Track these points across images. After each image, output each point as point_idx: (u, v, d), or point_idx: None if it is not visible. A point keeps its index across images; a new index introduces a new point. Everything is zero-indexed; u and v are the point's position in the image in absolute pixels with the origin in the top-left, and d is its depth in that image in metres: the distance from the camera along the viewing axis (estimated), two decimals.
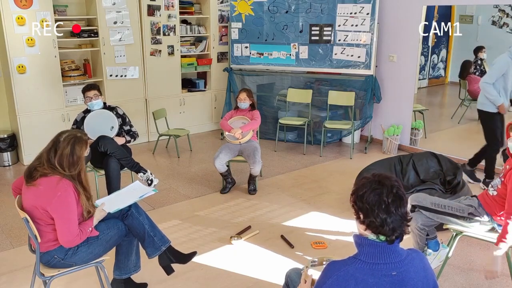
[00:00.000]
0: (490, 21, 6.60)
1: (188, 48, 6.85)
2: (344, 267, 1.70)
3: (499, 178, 3.01)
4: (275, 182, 5.11)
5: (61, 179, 2.49)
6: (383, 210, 1.67)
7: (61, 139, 2.56)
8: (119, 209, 2.76)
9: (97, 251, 2.69)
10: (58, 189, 2.46)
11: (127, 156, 4.18)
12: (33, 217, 2.52)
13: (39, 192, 2.48)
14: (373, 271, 1.67)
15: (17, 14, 5.22)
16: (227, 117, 4.96)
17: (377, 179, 1.72)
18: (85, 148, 2.61)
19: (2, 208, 4.45)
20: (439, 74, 7.66)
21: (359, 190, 1.74)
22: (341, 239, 3.86)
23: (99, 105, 4.35)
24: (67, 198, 2.47)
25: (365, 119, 6.25)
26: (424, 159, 4.60)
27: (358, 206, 1.74)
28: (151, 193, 2.92)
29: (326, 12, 6.11)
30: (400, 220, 1.69)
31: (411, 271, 1.70)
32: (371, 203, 1.68)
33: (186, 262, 3.03)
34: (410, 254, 1.75)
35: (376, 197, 1.68)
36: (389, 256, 1.69)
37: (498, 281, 3.23)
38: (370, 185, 1.71)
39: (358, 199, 1.74)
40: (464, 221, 3.06)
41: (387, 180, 1.72)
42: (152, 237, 2.84)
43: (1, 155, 5.60)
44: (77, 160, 2.55)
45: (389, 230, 1.68)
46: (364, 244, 1.72)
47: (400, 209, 1.69)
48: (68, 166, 2.52)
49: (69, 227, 2.48)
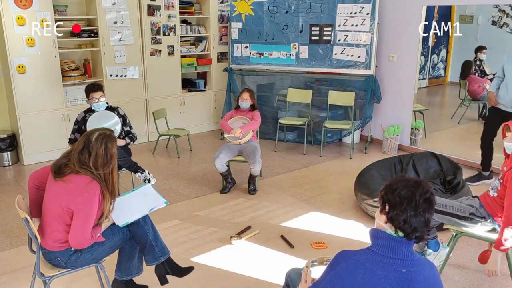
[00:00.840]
0: (490, 21, 6.60)
1: (188, 48, 6.85)
2: (356, 255, 1.71)
3: (498, 180, 3.01)
4: (275, 182, 5.11)
5: (92, 180, 2.47)
6: (412, 208, 1.68)
7: (92, 139, 2.53)
8: (128, 223, 2.72)
9: (100, 256, 2.70)
10: (86, 189, 2.44)
11: (125, 156, 4.18)
12: (53, 212, 2.50)
13: (68, 189, 2.46)
14: (384, 264, 1.67)
15: (17, 14, 5.22)
16: (227, 117, 4.96)
17: (414, 180, 1.75)
18: (115, 143, 2.61)
19: (2, 208, 4.45)
20: (439, 74, 7.67)
21: (393, 184, 1.75)
22: (341, 239, 3.86)
23: (104, 106, 4.37)
24: (92, 200, 2.45)
25: (365, 119, 6.25)
26: (424, 159, 4.60)
27: (388, 198, 1.74)
28: (162, 205, 2.85)
29: (326, 12, 6.11)
30: (424, 224, 1.70)
31: (421, 274, 1.69)
32: (402, 197, 1.69)
33: (182, 276, 3.00)
34: (423, 260, 1.75)
35: (409, 193, 1.70)
36: (402, 253, 1.69)
37: (498, 281, 3.23)
38: (406, 183, 1.73)
39: (389, 192, 1.74)
40: (465, 221, 3.06)
41: (424, 183, 1.74)
42: (153, 247, 2.83)
43: (1, 155, 5.60)
44: (111, 158, 2.54)
45: (410, 228, 1.69)
46: (379, 237, 1.73)
47: (427, 213, 1.70)
48: (102, 165, 2.50)
49: (84, 229, 2.47)
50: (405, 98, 6.13)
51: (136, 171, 4.12)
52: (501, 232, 2.78)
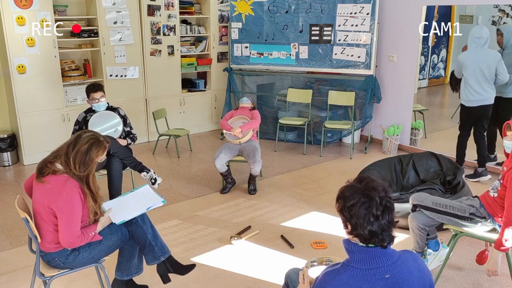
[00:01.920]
0: (490, 21, 6.59)
1: (188, 48, 6.85)
2: (338, 276, 1.70)
3: (498, 180, 3.01)
4: (275, 182, 5.11)
5: (69, 178, 2.49)
6: (372, 223, 1.67)
7: (83, 135, 2.56)
8: (124, 221, 2.72)
9: (99, 256, 2.70)
10: (64, 188, 2.45)
11: (129, 155, 4.19)
12: (40, 215, 2.52)
13: (46, 190, 2.48)
14: (366, 277, 1.67)
15: (17, 14, 5.22)
16: (227, 117, 4.96)
17: (365, 192, 1.69)
18: (102, 153, 2.59)
19: (2, 208, 4.45)
20: (439, 74, 7.66)
21: (346, 200, 1.72)
22: (341, 239, 3.85)
23: (104, 106, 4.37)
24: (72, 198, 2.46)
25: (365, 119, 6.25)
26: (424, 159, 4.60)
27: (346, 217, 1.73)
28: (159, 204, 2.84)
29: (326, 12, 6.11)
30: (388, 227, 1.69)
31: (404, 272, 1.70)
32: (361, 217, 1.67)
33: (184, 274, 2.99)
34: (403, 255, 1.75)
35: (365, 211, 1.67)
36: (381, 260, 1.69)
37: (498, 281, 3.23)
38: (359, 198, 1.69)
39: (345, 210, 1.72)
40: (465, 221, 3.06)
41: (374, 192, 1.69)
42: (153, 246, 2.83)
43: (1, 155, 5.60)
44: (89, 161, 2.52)
45: (378, 240, 1.69)
46: (354, 251, 1.72)
47: (388, 217, 1.69)
48: (79, 164, 2.49)
49: (70, 227, 2.47)
50: (405, 98, 6.13)
51: (142, 170, 4.13)
52: (502, 233, 2.78)
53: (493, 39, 4.98)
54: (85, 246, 2.62)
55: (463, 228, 3.08)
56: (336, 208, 1.78)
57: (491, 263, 2.83)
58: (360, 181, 1.74)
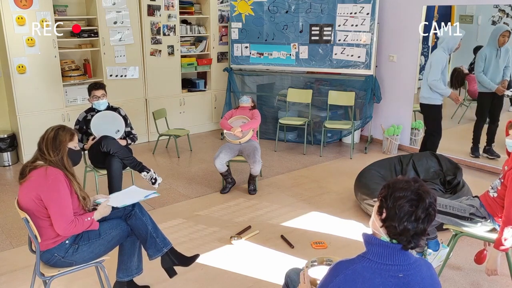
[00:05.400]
0: (490, 21, 6.60)
1: (188, 48, 6.85)
2: (352, 265, 1.70)
3: (498, 180, 3.01)
4: (275, 182, 5.11)
5: (48, 167, 2.58)
6: (411, 222, 1.65)
7: (49, 128, 2.74)
8: (126, 204, 2.80)
9: (98, 251, 2.70)
10: (47, 176, 2.53)
11: (129, 155, 4.18)
12: (32, 211, 2.54)
13: (31, 183, 2.54)
14: (380, 271, 1.67)
15: (17, 14, 5.22)
16: (227, 116, 4.96)
17: (419, 191, 1.67)
18: (69, 136, 2.71)
19: (2, 208, 4.45)
20: None
21: (396, 190, 1.68)
22: (341, 239, 3.86)
23: (104, 105, 4.37)
24: (57, 183, 2.53)
25: (365, 119, 6.25)
26: (424, 159, 4.60)
27: (387, 205, 1.69)
28: (155, 195, 2.97)
29: (326, 12, 6.11)
30: (421, 233, 1.68)
31: (417, 276, 1.69)
32: (403, 211, 1.65)
33: (189, 264, 3.03)
34: (418, 261, 1.75)
35: (411, 209, 1.65)
36: (398, 258, 1.68)
37: (498, 281, 3.23)
38: (410, 194, 1.66)
39: (390, 199, 1.68)
40: (465, 221, 3.06)
41: (427, 195, 1.67)
42: (154, 238, 2.84)
43: (1, 155, 5.60)
44: (59, 144, 2.65)
45: (406, 240, 1.67)
46: (374, 244, 1.71)
47: (425, 225, 1.68)
48: (52, 149, 2.63)
49: (62, 212, 2.51)
50: (405, 98, 6.13)
51: (142, 170, 4.13)
52: (501, 232, 2.78)
53: (508, 43, 5.18)
54: (84, 239, 2.64)
55: (463, 228, 3.08)
56: (379, 193, 1.75)
57: (491, 263, 2.83)
58: (415, 181, 1.72)
